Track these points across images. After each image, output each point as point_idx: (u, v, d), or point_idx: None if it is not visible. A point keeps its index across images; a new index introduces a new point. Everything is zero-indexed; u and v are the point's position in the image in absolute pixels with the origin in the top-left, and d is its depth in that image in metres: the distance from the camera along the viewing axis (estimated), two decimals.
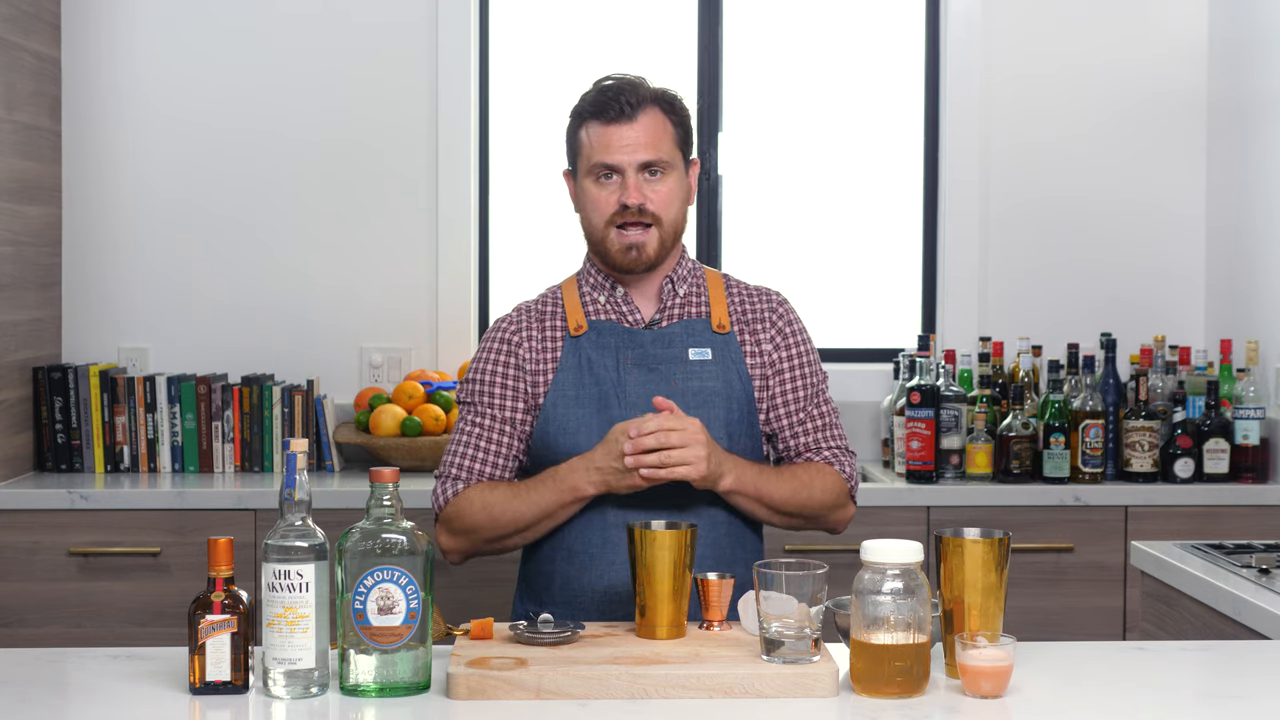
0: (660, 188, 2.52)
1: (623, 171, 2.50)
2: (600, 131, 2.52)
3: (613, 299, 2.58)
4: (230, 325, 4.27)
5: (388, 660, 1.96)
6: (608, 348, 2.54)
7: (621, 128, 2.50)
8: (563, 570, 2.51)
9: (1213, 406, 3.96)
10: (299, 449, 1.97)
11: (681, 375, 2.52)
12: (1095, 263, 4.39)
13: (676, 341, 2.54)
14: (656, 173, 2.51)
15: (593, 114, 2.54)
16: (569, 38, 4.44)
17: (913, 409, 3.92)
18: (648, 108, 2.52)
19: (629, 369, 2.52)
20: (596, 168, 2.52)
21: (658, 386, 2.51)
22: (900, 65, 4.47)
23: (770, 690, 1.96)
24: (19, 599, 3.71)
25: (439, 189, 4.28)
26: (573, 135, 2.58)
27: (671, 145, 2.54)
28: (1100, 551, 3.83)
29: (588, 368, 2.53)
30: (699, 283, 2.62)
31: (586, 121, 2.55)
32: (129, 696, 1.96)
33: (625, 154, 2.50)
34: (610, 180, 2.52)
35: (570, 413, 2.51)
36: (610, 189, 2.52)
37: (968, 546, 2.03)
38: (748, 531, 2.57)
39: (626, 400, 2.50)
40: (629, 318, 2.57)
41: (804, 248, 4.47)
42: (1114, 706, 1.94)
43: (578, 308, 2.58)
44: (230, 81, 4.27)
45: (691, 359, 2.53)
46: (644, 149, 2.50)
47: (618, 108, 2.51)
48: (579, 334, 2.55)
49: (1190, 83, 4.37)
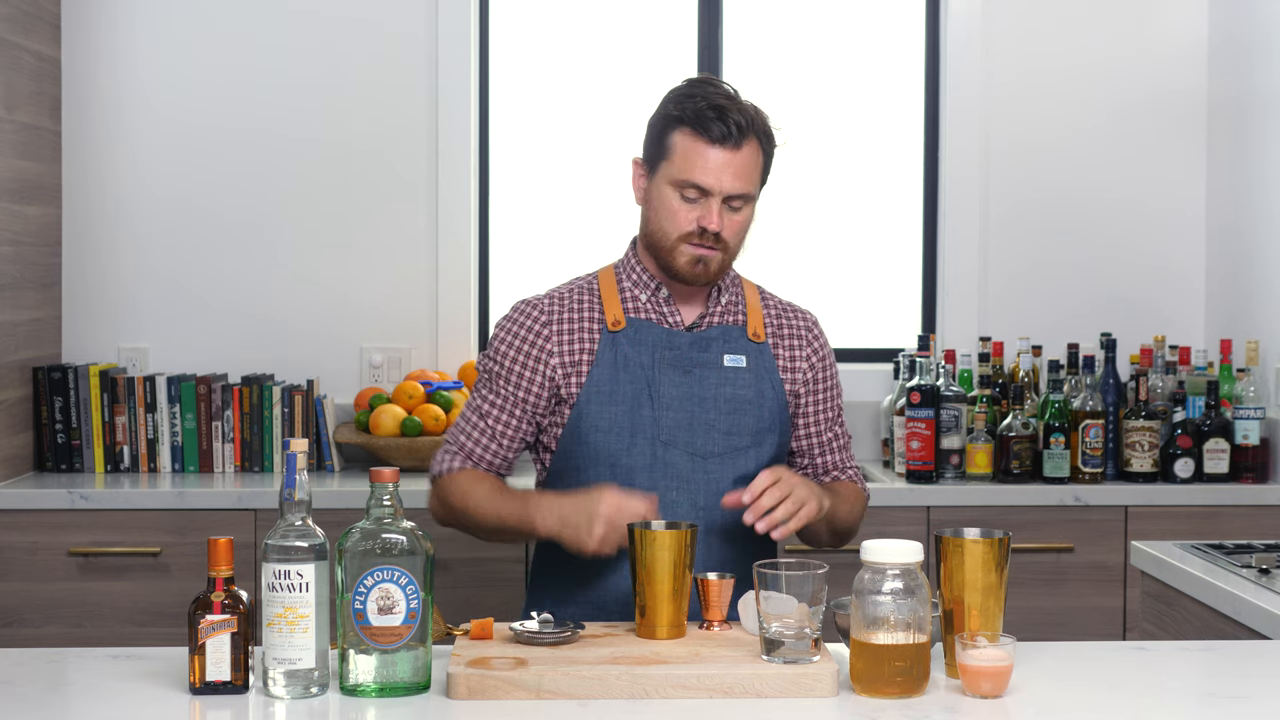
0: (739, 218, 2.50)
1: (710, 195, 2.47)
2: (699, 149, 2.45)
3: (655, 299, 2.56)
4: (230, 325, 4.27)
5: (388, 660, 1.96)
6: (645, 346, 2.52)
7: (724, 152, 2.45)
8: (584, 564, 2.49)
9: (1213, 406, 3.96)
10: (299, 449, 1.97)
11: (715, 380, 2.52)
12: (1095, 263, 4.39)
13: (713, 346, 2.54)
14: (739, 204, 2.49)
15: (696, 126, 2.46)
16: (569, 38, 4.44)
17: (913, 409, 3.92)
18: (751, 137, 2.48)
19: (664, 370, 2.51)
20: (685, 184, 2.47)
21: (691, 389, 2.51)
22: (900, 65, 4.47)
23: (770, 690, 1.96)
24: (19, 599, 3.71)
25: (439, 189, 4.28)
26: (662, 134, 2.50)
27: (758, 178, 2.52)
28: (1100, 551, 3.83)
29: (624, 365, 2.51)
30: (738, 292, 2.62)
31: (686, 128, 2.47)
32: (129, 696, 1.96)
33: (720, 181, 2.46)
34: (696, 200, 2.48)
35: (604, 410, 2.50)
36: (693, 208, 2.48)
37: (968, 546, 2.03)
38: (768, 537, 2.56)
39: (660, 401, 2.50)
40: (669, 319, 2.56)
41: (804, 247, 4.47)
42: (1114, 706, 1.94)
43: (616, 302, 2.55)
44: (230, 81, 4.27)
45: (726, 365, 2.54)
46: (738, 181, 2.47)
47: (726, 131, 2.44)
48: (617, 329, 2.53)
49: (1190, 83, 4.37)
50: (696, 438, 2.50)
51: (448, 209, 4.29)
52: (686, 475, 2.49)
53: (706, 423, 2.50)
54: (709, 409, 2.50)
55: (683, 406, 2.49)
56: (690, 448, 2.50)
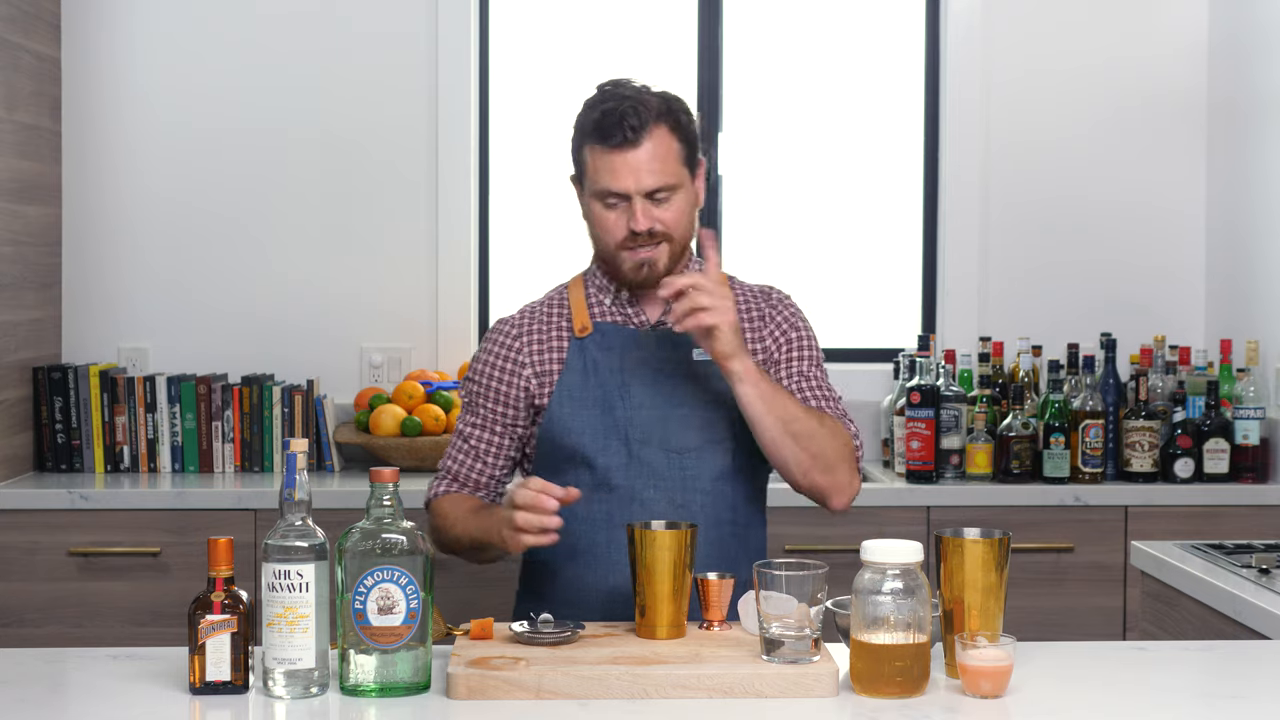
0: (668, 210, 2.47)
1: (629, 198, 2.45)
2: (604, 157, 2.45)
3: (618, 301, 2.57)
4: (230, 325, 4.26)
5: (388, 660, 1.96)
6: (613, 349, 2.53)
7: (627, 154, 2.43)
8: (566, 569, 2.51)
9: (1213, 406, 3.96)
10: (299, 449, 1.97)
11: (686, 376, 2.52)
12: (1095, 263, 4.39)
13: (682, 343, 2.53)
14: (664, 195, 2.46)
15: (596, 137, 2.45)
16: (569, 38, 4.44)
17: (913, 409, 3.92)
18: (653, 129, 2.44)
19: (634, 370, 2.52)
20: (604, 194, 2.47)
21: (662, 387, 2.51)
22: (900, 65, 4.47)
23: (770, 690, 1.96)
24: (19, 599, 3.71)
25: (439, 189, 4.28)
26: (576, 151, 2.52)
27: (678, 164, 2.47)
28: (1100, 551, 3.83)
29: (592, 370, 2.52)
30: None
31: (589, 141, 2.47)
32: (129, 696, 1.96)
33: (631, 181, 2.44)
34: (617, 205, 2.47)
35: (575, 414, 2.51)
36: (618, 213, 2.47)
37: (968, 546, 2.03)
38: (751, 531, 2.57)
39: (631, 402, 2.50)
40: (634, 319, 2.57)
41: (804, 248, 4.47)
42: (1114, 706, 1.94)
43: (583, 309, 2.57)
44: (230, 81, 4.26)
45: (695, 360, 2.53)
46: (651, 175, 2.44)
47: (621, 133, 2.42)
48: (584, 335, 2.55)
49: (1190, 83, 4.37)
50: (671, 435, 2.49)
51: (448, 209, 4.29)
52: (663, 472, 2.49)
53: (680, 419, 2.50)
54: (682, 405, 2.49)
55: (655, 405, 2.49)
56: (665, 445, 2.49)
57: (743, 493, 2.55)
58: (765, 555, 2.58)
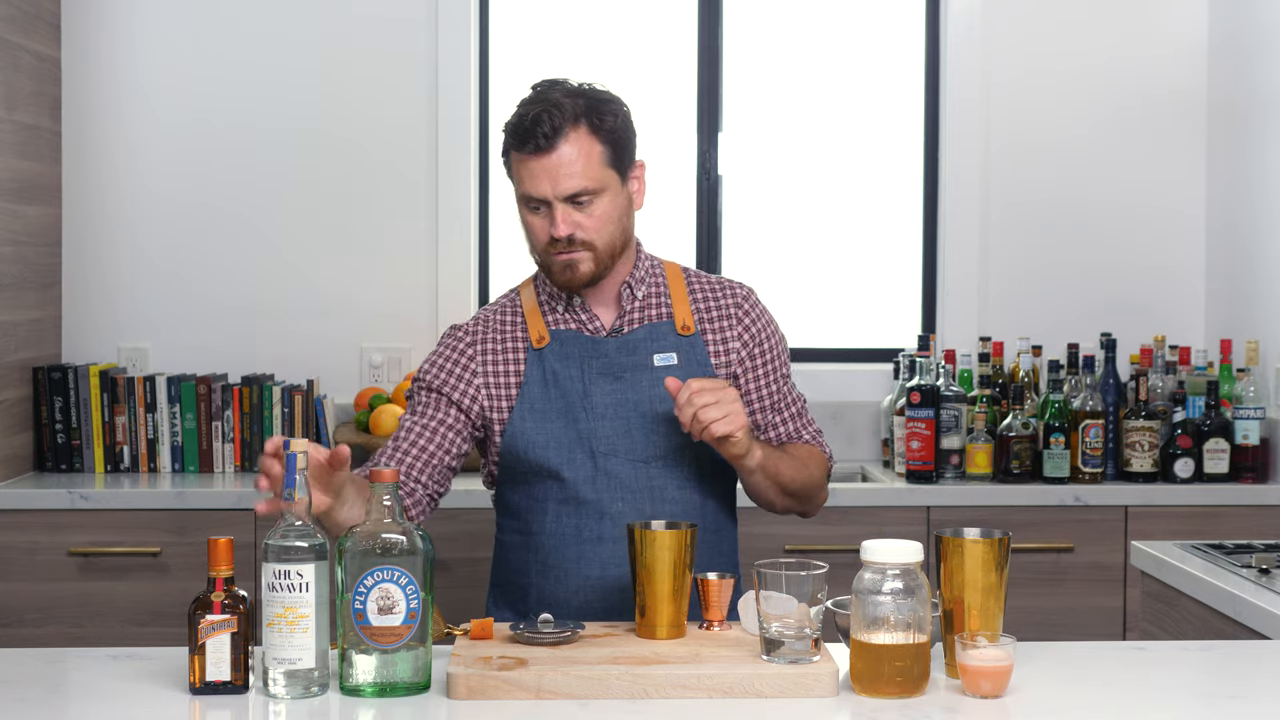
0: (590, 216, 2.41)
1: (549, 202, 2.41)
2: (523, 164, 2.40)
3: (571, 308, 2.52)
4: (230, 325, 4.27)
5: (388, 660, 1.96)
6: (572, 358, 2.49)
7: (542, 159, 2.38)
8: (538, 584, 2.48)
9: (1213, 406, 3.96)
10: (299, 449, 1.97)
11: (648, 382, 2.47)
12: (1095, 263, 4.39)
13: (640, 348, 2.49)
14: (585, 199, 2.40)
15: (514, 144, 2.41)
16: (569, 37, 4.44)
17: (913, 409, 3.92)
18: (569, 133, 2.38)
19: (594, 379, 2.47)
20: (526, 199, 2.43)
21: (624, 395, 2.47)
22: (900, 65, 4.47)
23: (770, 690, 1.96)
24: (19, 599, 3.71)
25: (439, 188, 4.28)
26: (504, 155, 2.48)
27: (600, 166, 2.40)
28: (1100, 551, 3.83)
29: (553, 380, 2.48)
30: (659, 282, 2.55)
31: (511, 149, 2.44)
32: (129, 696, 1.96)
33: (548, 186, 2.38)
34: (540, 210, 2.43)
35: (539, 427, 2.46)
36: (540, 218, 2.43)
37: (968, 546, 2.03)
38: (723, 535, 2.55)
39: (594, 412, 2.46)
40: (589, 326, 2.51)
41: (804, 248, 4.47)
42: (1114, 706, 1.94)
43: (538, 317, 2.52)
44: (230, 81, 4.27)
45: (656, 365, 2.48)
46: (568, 180, 2.38)
47: (534, 140, 2.37)
48: (542, 345, 2.50)
49: (1190, 83, 4.37)
50: (636, 444, 2.46)
51: (448, 209, 4.29)
52: (630, 484, 2.45)
53: (645, 428, 2.46)
54: (645, 413, 2.46)
55: (618, 414, 2.45)
56: (631, 455, 2.46)
57: (712, 498, 2.52)
58: (737, 557, 2.57)
